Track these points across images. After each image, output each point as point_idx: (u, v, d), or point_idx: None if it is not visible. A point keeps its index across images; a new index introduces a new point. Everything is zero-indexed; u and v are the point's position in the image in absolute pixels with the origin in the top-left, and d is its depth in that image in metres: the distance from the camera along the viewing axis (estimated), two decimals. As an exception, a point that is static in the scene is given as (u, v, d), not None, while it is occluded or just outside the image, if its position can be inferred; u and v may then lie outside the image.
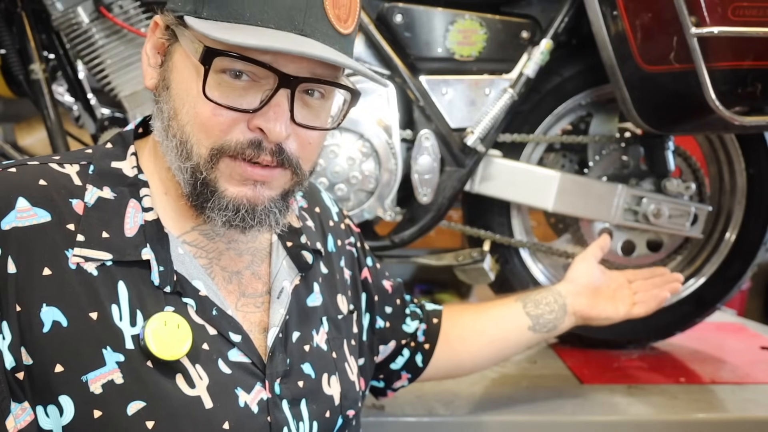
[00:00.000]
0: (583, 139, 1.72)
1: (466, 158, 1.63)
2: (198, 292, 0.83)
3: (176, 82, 0.80)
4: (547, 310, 1.28)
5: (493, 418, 1.41)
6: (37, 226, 0.77)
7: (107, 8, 1.53)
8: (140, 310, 0.79)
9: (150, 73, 0.84)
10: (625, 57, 1.51)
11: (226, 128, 0.77)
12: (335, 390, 0.95)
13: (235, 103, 0.77)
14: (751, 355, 1.87)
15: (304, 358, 0.92)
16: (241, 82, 0.77)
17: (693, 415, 1.45)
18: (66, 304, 0.76)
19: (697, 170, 1.80)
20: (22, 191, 0.78)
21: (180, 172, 0.81)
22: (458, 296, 4.30)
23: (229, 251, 0.89)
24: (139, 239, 0.81)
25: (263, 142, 0.78)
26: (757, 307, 3.88)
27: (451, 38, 1.62)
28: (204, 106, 0.77)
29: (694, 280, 1.86)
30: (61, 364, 0.74)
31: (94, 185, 0.82)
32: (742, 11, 1.42)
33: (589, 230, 1.78)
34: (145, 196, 0.84)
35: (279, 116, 0.76)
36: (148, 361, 0.77)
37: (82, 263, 0.77)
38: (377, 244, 1.67)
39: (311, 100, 0.81)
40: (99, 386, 0.74)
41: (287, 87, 0.76)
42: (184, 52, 0.79)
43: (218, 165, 0.79)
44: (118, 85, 1.58)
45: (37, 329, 0.74)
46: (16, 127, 2.20)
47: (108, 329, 0.76)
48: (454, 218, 1.76)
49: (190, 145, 0.79)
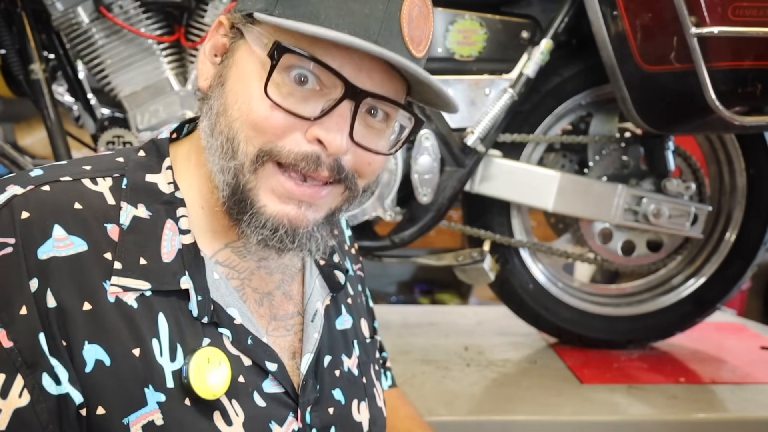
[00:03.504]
0: (583, 139, 1.72)
1: (466, 158, 1.62)
2: (233, 321, 0.79)
3: (234, 78, 0.76)
4: None
5: (493, 418, 1.41)
6: (75, 256, 0.72)
7: (107, 8, 1.53)
8: (180, 344, 0.75)
9: (205, 72, 0.80)
10: (625, 57, 1.51)
11: (280, 132, 0.72)
12: (364, 417, 0.90)
13: (295, 108, 0.72)
14: (751, 355, 1.88)
15: (335, 384, 0.88)
16: (304, 89, 0.72)
17: (693, 415, 1.45)
18: (108, 341, 0.71)
19: (697, 170, 1.80)
20: (58, 218, 0.73)
21: (222, 174, 0.75)
22: (458, 296, 4.30)
23: (260, 270, 0.84)
24: (177, 266, 0.77)
25: (321, 156, 0.72)
26: (757, 307, 3.88)
27: (451, 38, 1.62)
28: (260, 104, 0.72)
29: (694, 280, 1.86)
30: (103, 407, 0.71)
31: (128, 203, 0.77)
32: (742, 11, 1.42)
33: (589, 230, 1.78)
34: (182, 216, 0.79)
35: (341, 128, 0.72)
36: (187, 399, 0.73)
37: (121, 294, 0.73)
38: (377, 244, 1.67)
39: (373, 122, 0.76)
40: (139, 428, 0.71)
41: (352, 99, 0.72)
42: (249, 49, 0.75)
43: (263, 170, 0.73)
44: (118, 85, 1.58)
45: (80, 368, 0.70)
46: (16, 127, 2.21)
47: (150, 366, 0.73)
48: (454, 218, 1.76)
49: (237, 142, 0.73)
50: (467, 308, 3.17)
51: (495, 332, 2.02)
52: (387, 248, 1.67)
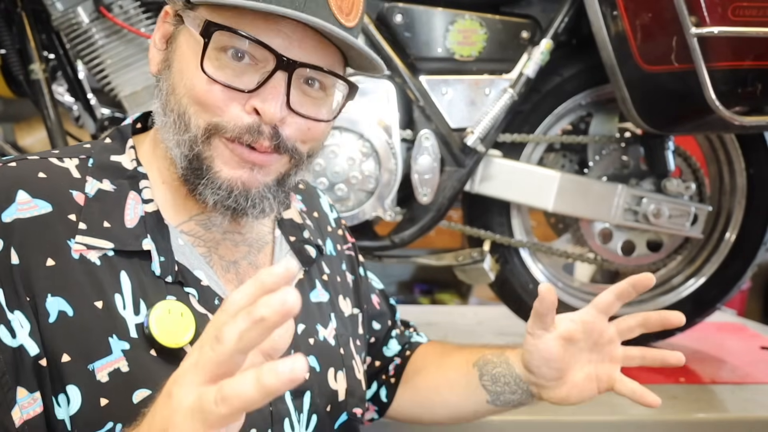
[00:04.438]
0: (583, 139, 1.72)
1: (466, 158, 1.63)
2: (200, 282, 0.83)
3: (177, 61, 0.81)
4: (507, 390, 1.02)
5: (493, 418, 1.41)
6: (39, 217, 0.77)
7: (107, 8, 1.53)
8: (143, 299, 0.79)
9: (155, 58, 0.85)
10: (625, 57, 1.51)
11: (222, 105, 0.78)
12: (341, 386, 0.94)
13: (231, 81, 0.77)
14: (751, 355, 1.88)
15: (309, 351, 0.92)
16: (240, 63, 0.77)
17: (693, 415, 1.45)
18: (71, 293, 0.76)
19: (697, 170, 1.80)
20: (22, 184, 0.78)
21: (178, 147, 0.81)
22: (458, 296, 4.30)
23: (225, 241, 0.89)
24: (140, 230, 0.81)
25: (261, 126, 0.78)
26: (757, 307, 3.88)
27: (451, 38, 1.62)
28: (200, 80, 0.78)
29: (694, 280, 1.86)
30: (68, 354, 0.74)
31: (93, 177, 0.83)
32: (742, 11, 1.42)
33: (589, 230, 1.78)
34: (145, 188, 0.84)
35: (275, 97, 0.77)
36: (152, 349, 0.77)
37: (85, 252, 0.78)
38: (377, 244, 1.67)
39: (311, 90, 0.81)
40: (105, 374, 0.74)
41: (285, 70, 0.77)
42: (188, 32, 0.80)
43: (213, 142, 0.79)
44: (118, 85, 1.58)
45: (44, 319, 0.74)
46: (16, 127, 2.21)
47: (113, 318, 0.77)
48: (454, 218, 1.76)
49: (188, 116, 0.79)
50: (467, 308, 3.17)
51: (495, 332, 2.02)
52: (387, 248, 1.67)
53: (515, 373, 1.01)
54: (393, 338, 1.18)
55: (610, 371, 0.97)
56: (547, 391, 0.98)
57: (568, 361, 0.95)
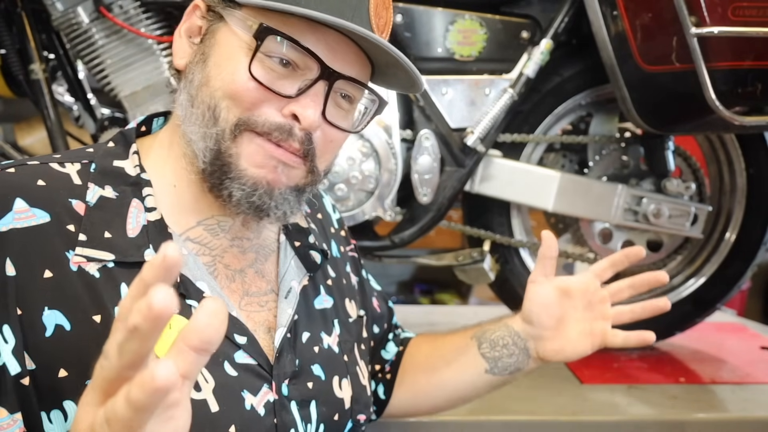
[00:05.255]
0: (583, 139, 1.72)
1: (466, 158, 1.63)
2: (202, 294, 0.81)
3: (217, 55, 0.80)
4: (505, 353, 1.07)
5: (493, 418, 1.41)
6: (36, 227, 0.75)
7: (107, 8, 1.53)
8: None
9: (181, 52, 0.84)
10: (625, 57, 1.51)
11: (257, 103, 0.78)
12: (346, 393, 0.93)
13: (274, 85, 0.78)
14: (751, 355, 1.88)
15: (314, 360, 0.91)
16: (284, 69, 0.78)
17: (693, 415, 1.45)
18: (68, 307, 0.74)
19: (697, 170, 1.80)
20: (20, 192, 0.76)
21: (203, 140, 0.80)
22: (458, 296, 4.30)
23: (233, 248, 0.88)
24: (142, 240, 0.79)
25: (294, 128, 0.79)
26: (757, 307, 3.88)
27: (451, 38, 1.62)
28: (241, 77, 0.77)
29: (694, 280, 1.86)
30: (65, 369, 0.72)
31: (95, 183, 0.81)
32: (742, 11, 1.42)
33: (589, 230, 1.78)
34: (148, 195, 0.82)
35: (317, 105, 0.78)
36: None
37: (84, 264, 0.76)
38: (377, 244, 1.67)
39: (342, 102, 0.83)
40: None
41: (327, 79, 0.78)
42: (230, 31, 0.79)
43: (241, 139, 0.79)
44: (118, 85, 1.58)
45: (40, 333, 0.72)
46: (16, 127, 2.20)
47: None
48: (454, 218, 1.76)
49: (219, 110, 0.79)
50: (467, 308, 3.17)
51: (495, 332, 2.02)
52: (387, 248, 1.67)
53: (514, 331, 1.08)
54: (390, 341, 1.18)
55: (603, 327, 1.05)
56: (543, 343, 1.05)
57: (564, 311, 1.04)
